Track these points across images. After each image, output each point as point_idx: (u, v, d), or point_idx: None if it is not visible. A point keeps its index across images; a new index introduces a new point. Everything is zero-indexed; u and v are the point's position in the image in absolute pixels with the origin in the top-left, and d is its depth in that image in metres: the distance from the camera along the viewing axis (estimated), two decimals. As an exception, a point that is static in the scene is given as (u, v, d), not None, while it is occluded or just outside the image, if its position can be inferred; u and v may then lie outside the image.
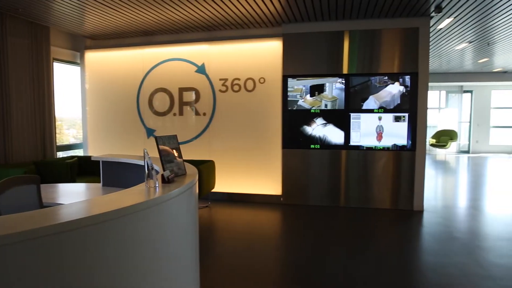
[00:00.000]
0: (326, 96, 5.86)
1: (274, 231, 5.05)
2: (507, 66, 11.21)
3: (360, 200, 5.91)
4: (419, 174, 5.68)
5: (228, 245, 4.36)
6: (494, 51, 8.74)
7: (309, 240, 4.49)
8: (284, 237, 4.82)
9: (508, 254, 4.02)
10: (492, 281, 3.36)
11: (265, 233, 4.85)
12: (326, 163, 5.97)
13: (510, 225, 5.13)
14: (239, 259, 3.89)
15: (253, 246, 4.29)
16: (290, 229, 5.14)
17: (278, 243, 4.57)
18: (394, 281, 3.36)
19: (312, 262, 3.81)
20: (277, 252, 4.21)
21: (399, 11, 5.30)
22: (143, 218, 1.83)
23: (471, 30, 6.57)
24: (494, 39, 7.31)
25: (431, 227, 5.01)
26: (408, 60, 5.62)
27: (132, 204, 1.74)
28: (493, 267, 3.66)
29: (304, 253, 4.07)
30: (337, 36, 5.81)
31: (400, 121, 5.66)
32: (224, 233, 4.90)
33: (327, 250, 4.15)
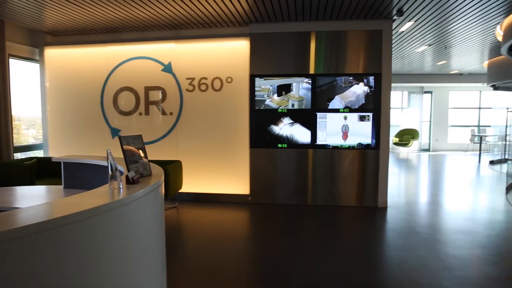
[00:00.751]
0: (293, 96, 5.93)
1: (242, 231, 5.05)
2: (463, 68, 11.78)
3: (327, 198, 6.02)
4: (383, 172, 5.87)
5: (196, 246, 4.32)
6: (451, 54, 9.16)
7: (276, 239, 4.53)
8: (252, 237, 4.83)
9: (463, 246, 4.22)
10: (449, 272, 3.52)
11: (232, 233, 4.85)
12: (293, 162, 6.04)
13: (466, 219, 5.39)
14: (206, 259, 3.86)
15: (220, 246, 4.27)
16: (258, 229, 5.16)
17: (245, 242, 4.57)
18: (359, 276, 3.45)
19: (279, 261, 3.84)
20: (244, 252, 4.22)
21: (363, 14, 5.44)
22: (106, 221, 1.78)
23: (431, 33, 6.85)
24: (451, 43, 7.66)
25: (394, 223, 5.18)
26: (372, 61, 5.79)
27: (95, 206, 1.68)
28: (450, 259, 3.84)
29: (271, 252, 4.10)
30: (304, 37, 5.89)
31: (365, 121, 5.82)
32: (192, 234, 4.85)
33: (294, 249, 4.19)
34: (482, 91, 14.52)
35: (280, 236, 4.66)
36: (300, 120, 5.93)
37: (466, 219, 5.40)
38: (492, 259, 3.89)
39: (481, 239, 4.49)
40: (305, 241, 4.46)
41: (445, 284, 3.28)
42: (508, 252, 4.18)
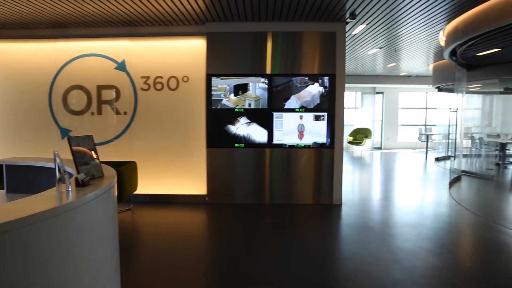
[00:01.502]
0: (249, 96, 5.96)
1: (199, 231, 5.01)
2: (411, 70, 12.41)
3: (284, 197, 6.11)
4: (337, 170, 6.05)
5: (152, 248, 4.23)
6: (400, 57, 9.62)
7: (234, 239, 4.53)
8: (210, 237, 4.81)
9: (412, 239, 4.46)
10: (398, 264, 3.71)
11: (190, 233, 4.79)
12: (250, 162, 6.07)
13: (414, 213, 5.69)
14: (163, 261, 3.79)
15: (177, 247, 4.21)
16: (215, 229, 5.14)
17: (203, 243, 4.54)
18: (315, 272, 3.54)
19: (237, 260, 3.85)
20: (202, 252, 4.18)
21: (318, 16, 5.57)
22: (54, 226, 1.70)
23: (381, 37, 7.16)
24: (400, 46, 8.05)
25: (349, 219, 5.36)
26: (326, 62, 5.94)
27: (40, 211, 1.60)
28: (400, 251, 4.04)
29: (229, 252, 4.10)
30: (261, 37, 5.93)
31: (320, 120, 5.97)
32: (148, 236, 4.73)
33: (252, 248, 4.22)
34: (428, 92, 15.37)
35: (237, 235, 4.67)
36: (257, 120, 5.98)
37: (414, 213, 5.70)
38: (437, 250, 4.13)
39: (427, 231, 4.76)
40: (262, 240, 4.51)
41: (395, 275, 3.44)
42: (451, 243, 4.46)
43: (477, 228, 5.10)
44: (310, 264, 3.75)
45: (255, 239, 4.53)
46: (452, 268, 3.70)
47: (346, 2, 4.96)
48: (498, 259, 3.96)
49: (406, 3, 5.01)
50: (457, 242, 4.62)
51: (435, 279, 3.42)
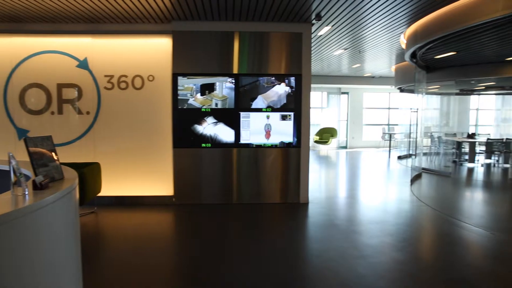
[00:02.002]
0: (216, 95, 5.93)
1: (166, 233, 4.93)
2: (375, 71, 12.79)
3: (252, 196, 6.12)
4: (304, 169, 6.13)
5: (117, 251, 4.11)
6: (364, 58, 9.89)
7: (201, 239, 4.50)
8: (176, 238, 4.74)
9: (376, 235, 4.59)
10: (364, 259, 3.81)
11: (156, 235, 4.70)
12: (218, 162, 6.04)
13: (378, 210, 5.87)
14: (127, 264, 3.70)
15: (143, 250, 4.12)
16: (182, 230, 5.07)
17: (169, 245, 4.47)
18: (283, 271, 3.57)
19: (204, 261, 3.82)
20: (168, 254, 4.12)
21: (284, 16, 5.62)
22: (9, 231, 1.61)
23: (346, 38, 7.32)
24: (364, 48, 8.27)
25: (315, 217, 5.45)
26: (293, 63, 6.01)
27: (-7, 215, 1.52)
28: (365, 247, 4.15)
29: (196, 252, 4.06)
30: (228, 37, 5.91)
31: (287, 120, 6.03)
32: (113, 239, 4.60)
33: (219, 248, 4.20)
34: (391, 93, 15.89)
35: (205, 236, 4.63)
36: (224, 120, 5.96)
37: (378, 210, 5.87)
38: (399, 245, 4.28)
39: (390, 227, 4.92)
40: (230, 240, 4.50)
41: (361, 271, 3.54)
42: (412, 238, 4.64)
43: (435, 222, 5.32)
44: (278, 263, 3.78)
45: (222, 239, 4.51)
46: (413, 261, 3.84)
47: (312, 4, 5.04)
48: (454, 251, 4.16)
49: (369, 6, 5.16)
50: (417, 236, 4.80)
51: (398, 272, 3.55)
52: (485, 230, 4.88)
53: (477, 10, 4.65)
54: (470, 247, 4.40)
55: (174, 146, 5.95)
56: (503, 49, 6.93)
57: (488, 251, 4.28)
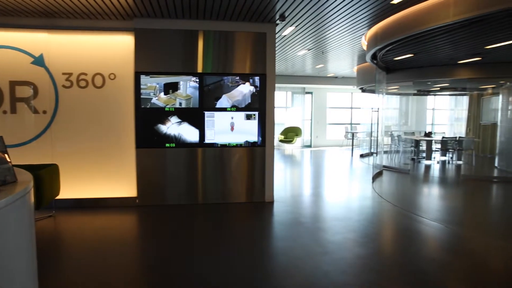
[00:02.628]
0: (180, 95, 5.85)
1: (128, 235, 4.80)
2: (338, 72, 13.10)
3: (218, 196, 6.09)
4: (269, 168, 6.18)
5: (75, 256, 3.96)
6: (327, 59, 10.10)
7: (166, 241, 4.42)
8: (140, 241, 4.63)
9: (340, 231, 4.70)
10: (328, 256, 3.89)
11: (119, 238, 4.57)
12: (182, 162, 5.97)
13: (341, 207, 6.02)
14: (90, 269, 3.57)
15: (104, 254, 4.00)
16: (146, 232, 4.96)
17: (132, 248, 4.36)
18: (249, 270, 3.58)
19: (169, 263, 3.76)
20: (131, 258, 4.02)
21: (248, 16, 5.63)
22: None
23: (310, 39, 7.45)
24: (327, 48, 8.45)
25: (280, 216, 5.50)
26: (257, 62, 6.03)
27: None
28: (329, 244, 4.24)
29: (160, 254, 3.99)
30: (192, 35, 5.84)
31: (251, 119, 6.05)
32: (72, 244, 4.43)
33: (185, 249, 4.15)
34: (353, 93, 16.33)
35: (170, 237, 4.56)
36: (188, 119, 5.89)
37: (341, 207, 6.02)
38: (362, 240, 4.41)
39: (353, 224, 5.05)
40: (196, 241, 4.45)
41: (325, 267, 3.61)
42: (373, 233, 4.79)
43: (396, 218, 5.53)
44: (244, 262, 3.78)
45: (187, 240, 4.46)
46: (374, 256, 3.97)
47: (275, 4, 5.08)
48: (413, 245, 4.34)
49: (332, 8, 5.27)
50: (378, 231, 4.96)
51: (360, 267, 3.65)
52: (441, 223, 5.13)
53: (431, 15, 4.87)
54: (428, 240, 4.60)
55: (137, 146, 5.81)
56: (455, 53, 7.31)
57: (444, 243, 4.49)
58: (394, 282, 3.41)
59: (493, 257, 4.13)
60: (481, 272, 3.62)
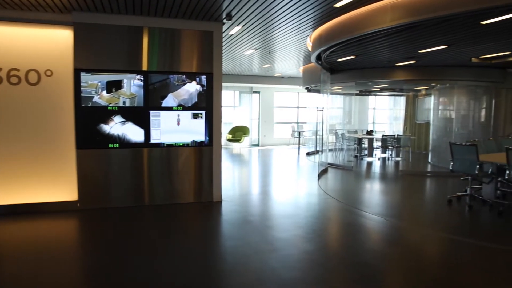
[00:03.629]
0: (124, 93, 5.63)
1: (68, 243, 4.53)
2: (284, 72, 13.34)
3: (165, 197, 5.95)
4: (216, 167, 6.14)
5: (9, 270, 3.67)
6: (274, 59, 10.25)
7: (109, 246, 4.23)
8: (81, 247, 4.39)
9: (287, 228, 4.80)
10: (276, 253, 3.95)
11: (56, 246, 4.29)
12: (127, 162, 5.75)
13: (289, 204, 6.15)
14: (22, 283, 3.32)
15: (40, 265, 3.74)
16: (87, 237, 4.71)
17: (72, 255, 4.12)
18: (198, 270, 3.53)
19: (113, 268, 3.61)
20: (70, 266, 3.79)
21: (195, 14, 5.55)
22: None
23: (256, 39, 7.51)
24: (273, 48, 8.57)
25: (229, 215, 5.49)
26: (204, 61, 5.96)
27: None
28: (277, 241, 4.31)
29: (103, 261, 3.81)
30: (136, 32, 5.64)
31: (198, 119, 5.97)
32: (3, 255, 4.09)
33: (131, 252, 4.00)
34: (299, 93, 16.72)
35: (114, 241, 4.37)
36: (133, 119, 5.68)
37: (289, 205, 6.14)
38: (309, 236, 4.53)
39: (300, 220, 5.18)
40: (142, 243, 4.31)
41: (273, 264, 3.66)
42: (320, 229, 4.95)
43: (340, 213, 5.75)
44: (192, 263, 3.73)
45: (134, 243, 4.30)
46: (321, 251, 4.10)
47: (222, 3, 5.06)
48: (356, 238, 4.54)
49: (278, 8, 5.35)
50: (324, 227, 5.13)
51: (307, 262, 3.75)
52: (381, 217, 5.42)
53: (371, 19, 5.12)
54: (370, 233, 4.83)
55: (77, 147, 5.51)
56: (393, 56, 7.75)
57: (384, 235, 4.75)
58: (340, 275, 3.55)
59: (427, 246, 4.44)
60: (417, 260, 3.88)
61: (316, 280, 3.37)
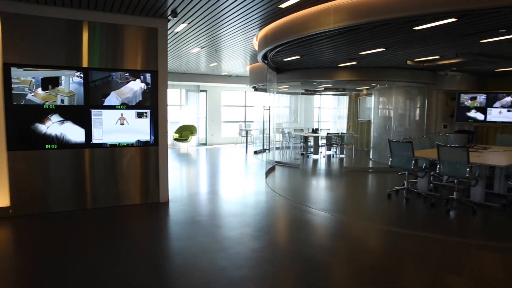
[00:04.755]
0: (62, 91, 5.31)
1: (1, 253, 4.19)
2: (231, 71, 13.35)
3: (109, 199, 5.71)
4: (163, 167, 6.00)
5: None
6: (221, 58, 10.21)
7: (47, 254, 3.97)
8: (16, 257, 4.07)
9: (235, 227, 4.81)
10: (224, 252, 3.95)
11: (-12, 254, 3.96)
12: (66, 164, 5.43)
13: (237, 203, 6.17)
14: None
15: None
16: (22, 247, 4.37)
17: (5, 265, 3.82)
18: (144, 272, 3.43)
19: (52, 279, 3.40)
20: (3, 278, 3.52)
21: (139, 9, 5.37)
22: None
23: (203, 37, 7.43)
24: (220, 47, 8.53)
25: (176, 215, 5.39)
26: (149, 59, 5.79)
27: None
28: (225, 240, 4.31)
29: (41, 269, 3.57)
30: (75, 26, 5.33)
31: (143, 118, 5.79)
32: None
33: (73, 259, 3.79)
34: (247, 92, 16.81)
35: (52, 249, 4.10)
36: (72, 118, 5.38)
37: (237, 203, 6.16)
38: (257, 234, 4.58)
39: (248, 218, 5.22)
40: (84, 249, 4.09)
41: (221, 263, 3.65)
42: (267, 226, 5.02)
43: (287, 210, 5.87)
44: (139, 266, 3.61)
45: (74, 249, 4.07)
46: (269, 248, 4.16)
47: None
48: (303, 234, 4.66)
49: (225, 7, 5.34)
50: (272, 224, 5.22)
51: (255, 260, 3.79)
52: (327, 212, 5.61)
53: (315, 21, 5.28)
54: (316, 228, 4.99)
55: (8, 149, 5.10)
56: (336, 56, 8.04)
57: (329, 230, 4.93)
58: (287, 270, 3.63)
59: (368, 238, 4.67)
60: (359, 251, 4.07)
61: (264, 276, 3.42)
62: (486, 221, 5.38)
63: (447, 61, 7.89)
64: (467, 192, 6.21)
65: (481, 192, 5.95)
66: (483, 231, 5.09)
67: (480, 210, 5.69)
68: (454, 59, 7.59)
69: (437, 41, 6.10)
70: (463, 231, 5.03)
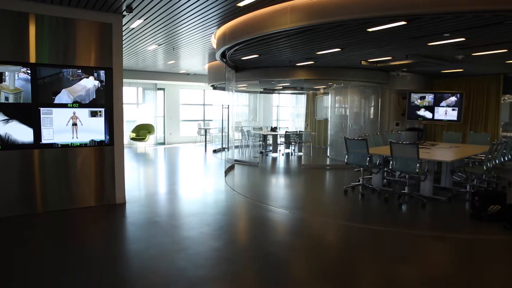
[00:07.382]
0: (6, 88, 4.98)
1: None
2: (190, 69, 13.18)
3: (62, 202, 5.44)
4: (119, 167, 5.81)
5: None
6: (179, 55, 10.05)
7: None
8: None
9: (194, 227, 4.77)
10: (183, 252, 3.91)
11: None
12: (13, 166, 5.11)
13: (196, 202, 6.12)
14: None
15: None
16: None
17: None
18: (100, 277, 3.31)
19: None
20: None
21: (91, 3, 5.16)
22: None
23: (160, 34, 7.27)
24: (178, 44, 8.39)
25: (133, 217, 5.25)
26: (103, 55, 5.58)
27: None
28: (184, 240, 4.26)
29: (-13, 276, 3.36)
30: (21, 18, 5.02)
31: (97, 116, 5.58)
32: None
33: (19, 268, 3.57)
34: (205, 90, 16.66)
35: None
36: (18, 117, 5.06)
37: (196, 203, 6.11)
38: (216, 233, 4.56)
39: (207, 218, 5.18)
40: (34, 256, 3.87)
41: (181, 264, 3.61)
42: (227, 225, 5.02)
43: (247, 208, 5.90)
44: (94, 271, 3.48)
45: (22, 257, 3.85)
46: (228, 246, 4.16)
47: (121, -6, 4.80)
48: (262, 231, 4.71)
49: (182, 4, 5.25)
50: (231, 223, 5.22)
51: (215, 259, 3.78)
52: (286, 209, 5.70)
53: (272, 20, 5.34)
54: (275, 225, 5.05)
55: None
56: (294, 56, 8.17)
57: (288, 227, 5.02)
58: (247, 268, 3.64)
59: (326, 233, 4.80)
60: (317, 247, 4.17)
61: (224, 275, 3.42)
62: (434, 213, 5.70)
63: (398, 62, 8.27)
64: (418, 187, 6.55)
65: (429, 186, 6.31)
66: (431, 223, 5.40)
67: (429, 203, 6.02)
68: (404, 60, 7.96)
69: (389, 43, 6.38)
70: (414, 224, 5.30)
